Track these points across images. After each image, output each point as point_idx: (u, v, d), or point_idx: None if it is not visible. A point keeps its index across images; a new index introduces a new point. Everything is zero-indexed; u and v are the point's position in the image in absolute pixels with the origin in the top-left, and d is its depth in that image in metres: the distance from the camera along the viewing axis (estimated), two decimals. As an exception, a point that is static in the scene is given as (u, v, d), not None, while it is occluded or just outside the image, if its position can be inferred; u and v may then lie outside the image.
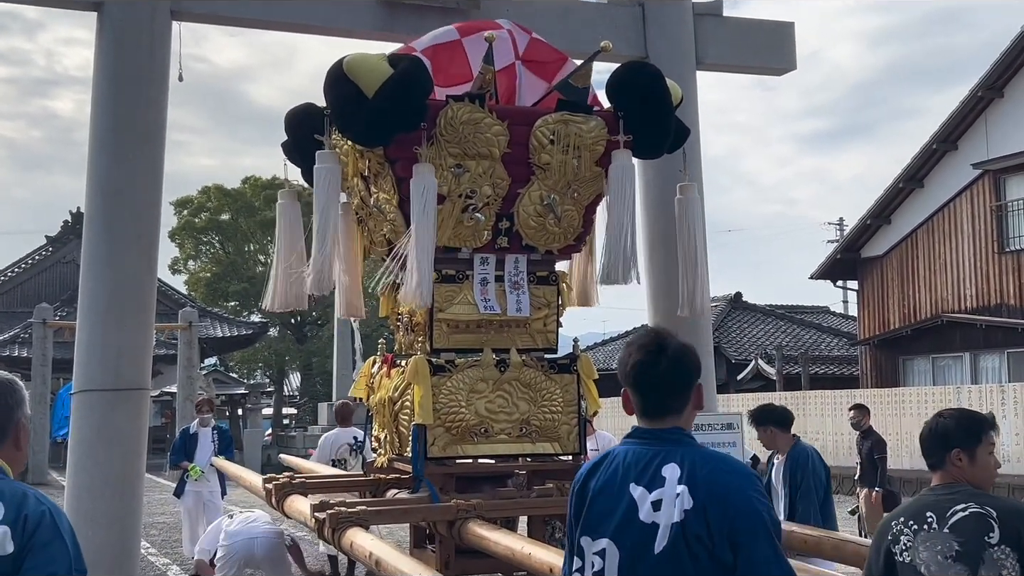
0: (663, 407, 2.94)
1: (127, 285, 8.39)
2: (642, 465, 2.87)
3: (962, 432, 3.58)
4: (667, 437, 2.91)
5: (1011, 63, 22.88)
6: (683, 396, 2.95)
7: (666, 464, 2.83)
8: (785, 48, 10.60)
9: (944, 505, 3.43)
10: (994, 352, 23.53)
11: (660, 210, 9.21)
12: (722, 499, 2.74)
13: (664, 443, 2.90)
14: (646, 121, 6.34)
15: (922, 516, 3.43)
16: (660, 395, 2.94)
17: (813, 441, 23.58)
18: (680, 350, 2.94)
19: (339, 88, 5.94)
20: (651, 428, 2.95)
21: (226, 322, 39.49)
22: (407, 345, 6.66)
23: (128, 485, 8.39)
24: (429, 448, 6.12)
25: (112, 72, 8.52)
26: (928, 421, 3.67)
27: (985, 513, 3.37)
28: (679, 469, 2.81)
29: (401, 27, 8.87)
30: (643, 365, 2.93)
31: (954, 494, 3.48)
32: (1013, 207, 23.49)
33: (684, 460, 2.82)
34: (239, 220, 47.13)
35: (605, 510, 2.90)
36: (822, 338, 33.70)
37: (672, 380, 2.93)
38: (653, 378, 2.92)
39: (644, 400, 2.96)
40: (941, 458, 3.58)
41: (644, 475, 2.85)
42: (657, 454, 2.87)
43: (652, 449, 2.90)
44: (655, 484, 2.82)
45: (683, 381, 2.95)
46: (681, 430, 2.93)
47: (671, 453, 2.86)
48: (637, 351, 2.96)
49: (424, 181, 5.88)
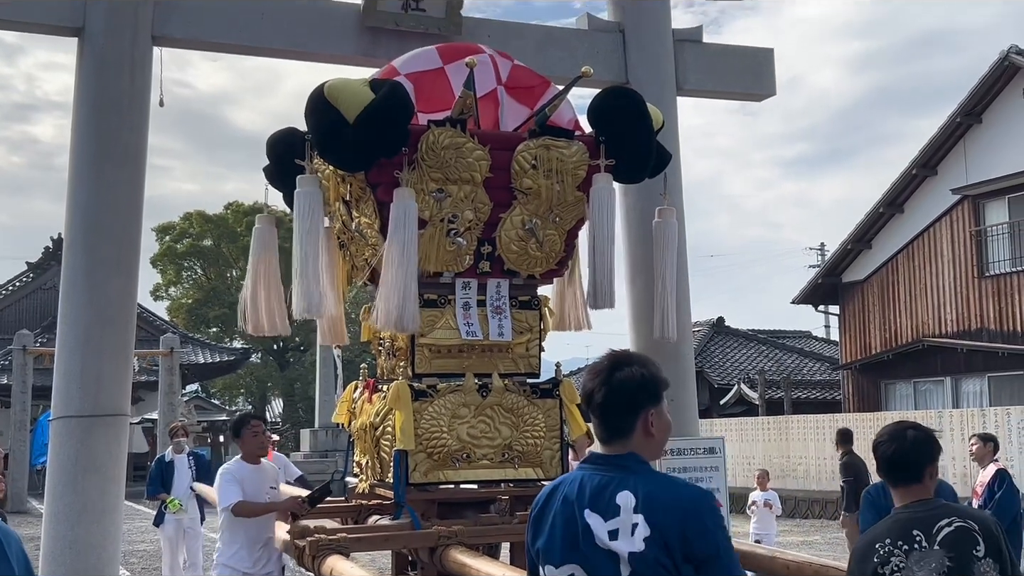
0: (609, 432, 2.94)
1: (107, 311, 8.35)
2: (596, 492, 2.87)
3: (933, 448, 3.62)
4: (619, 463, 2.90)
5: (989, 89, 23.10)
6: (626, 421, 2.92)
7: (619, 492, 2.83)
8: (765, 74, 10.67)
9: (928, 522, 3.41)
10: (975, 376, 23.63)
11: (641, 235, 9.23)
12: (679, 524, 2.75)
13: (616, 469, 2.89)
14: (627, 146, 6.35)
15: (908, 535, 3.39)
16: (605, 420, 2.94)
17: (796, 465, 23.78)
18: (627, 375, 2.92)
19: (320, 113, 5.93)
20: (604, 454, 2.95)
21: (208, 348, 39.33)
22: (389, 370, 6.63)
23: (107, 512, 8.31)
24: (411, 474, 6.08)
25: (93, 97, 8.50)
26: (892, 436, 3.59)
27: (969, 527, 3.38)
28: (633, 497, 2.80)
29: (383, 52, 8.87)
30: (589, 389, 2.95)
31: (933, 510, 3.47)
32: (992, 232, 23.65)
33: (638, 487, 2.82)
34: (221, 246, 47.07)
35: (565, 536, 2.90)
36: (804, 363, 33.79)
37: (612, 405, 2.92)
38: (596, 402, 2.94)
39: (595, 424, 2.98)
40: (919, 473, 3.55)
41: (598, 502, 2.85)
42: (611, 481, 2.86)
43: (606, 476, 2.89)
44: (610, 513, 2.82)
45: (623, 406, 2.92)
46: (634, 456, 2.91)
47: (624, 480, 2.85)
48: (588, 375, 3.00)
49: (405, 206, 5.88)
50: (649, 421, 2.93)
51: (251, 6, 9.04)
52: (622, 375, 2.92)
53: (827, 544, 17.74)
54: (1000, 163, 22.85)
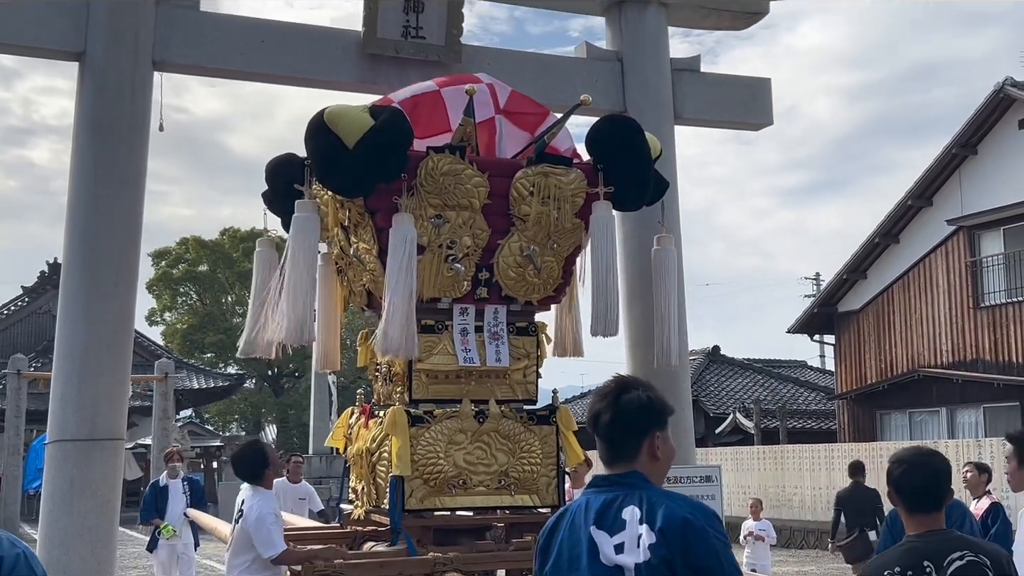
0: (615, 453, 2.98)
1: (104, 335, 8.35)
2: (600, 509, 2.92)
3: (950, 477, 3.58)
4: (624, 481, 2.95)
5: (984, 121, 23.20)
6: (632, 443, 2.97)
7: (625, 507, 2.88)
8: (762, 103, 10.74)
9: (940, 553, 3.34)
10: (971, 407, 23.62)
11: (638, 262, 9.26)
12: (682, 534, 2.80)
13: (621, 487, 2.93)
14: (625, 173, 6.38)
15: (919, 565, 3.33)
16: (611, 441, 2.98)
17: (791, 495, 23.71)
18: (634, 398, 2.97)
19: (320, 138, 5.95)
20: (609, 474, 2.99)
21: (202, 374, 39.25)
22: (385, 396, 6.62)
23: (101, 537, 8.29)
24: (407, 500, 6.07)
25: (93, 121, 8.53)
26: (913, 463, 3.52)
27: (980, 562, 3.32)
28: (638, 510, 2.85)
29: (383, 79, 8.93)
30: (596, 411, 3.00)
31: (947, 541, 3.41)
32: (987, 263, 23.70)
33: (642, 501, 2.87)
34: (217, 271, 47.06)
35: (571, 558, 2.94)
36: (800, 392, 33.76)
37: (619, 426, 2.97)
38: (603, 424, 2.98)
39: (601, 446, 3.02)
40: (939, 503, 3.50)
41: (604, 519, 2.89)
42: (616, 498, 2.91)
43: (611, 493, 2.93)
44: (616, 528, 2.86)
45: (630, 428, 2.97)
46: (639, 474, 2.95)
47: (629, 496, 2.90)
48: (595, 397, 3.05)
49: (404, 231, 5.89)
50: (655, 444, 2.98)
51: (251, 32, 9.10)
52: (629, 398, 2.97)
53: (822, 575, 17.67)
54: (995, 194, 22.92)
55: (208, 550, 19.13)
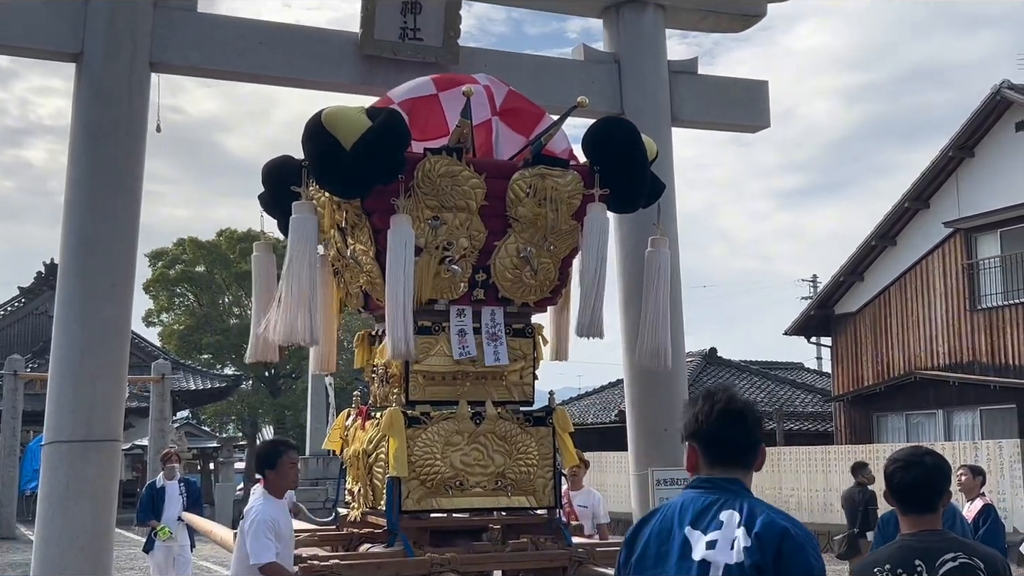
0: (727, 458, 2.99)
1: (101, 336, 8.33)
2: (700, 510, 2.92)
3: (949, 477, 3.57)
4: (726, 486, 2.95)
5: (981, 124, 23.22)
6: (751, 451, 3.01)
7: (724, 510, 2.89)
8: (759, 106, 10.74)
9: (933, 553, 3.33)
10: (967, 409, 23.63)
11: (635, 264, 9.24)
12: (778, 543, 2.79)
13: (723, 491, 2.94)
14: (622, 175, 6.39)
15: (910, 564, 3.32)
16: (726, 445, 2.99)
17: (788, 497, 23.71)
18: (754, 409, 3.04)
19: (317, 140, 5.96)
20: (711, 476, 2.99)
21: (199, 375, 39.21)
22: (382, 397, 6.63)
23: (98, 538, 8.27)
24: (404, 501, 6.08)
25: (90, 122, 8.52)
26: (909, 463, 3.50)
27: (974, 564, 3.31)
28: (738, 515, 2.86)
29: (380, 80, 8.92)
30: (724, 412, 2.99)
31: (940, 541, 3.40)
32: (984, 265, 23.72)
33: (743, 507, 2.88)
34: (214, 272, 47.02)
35: (660, 553, 2.94)
36: (796, 394, 33.76)
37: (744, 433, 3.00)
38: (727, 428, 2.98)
39: (719, 447, 3.00)
40: (935, 504, 3.49)
41: (701, 519, 2.90)
42: (716, 500, 2.92)
43: (711, 496, 2.94)
44: (711, 527, 2.87)
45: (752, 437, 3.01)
46: (741, 482, 2.97)
47: (730, 501, 2.91)
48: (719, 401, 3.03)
49: (402, 233, 5.90)
50: (764, 454, 3.06)
51: (249, 33, 9.09)
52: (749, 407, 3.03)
53: None
54: (992, 197, 22.94)
55: (204, 551, 19.12)
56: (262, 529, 5.99)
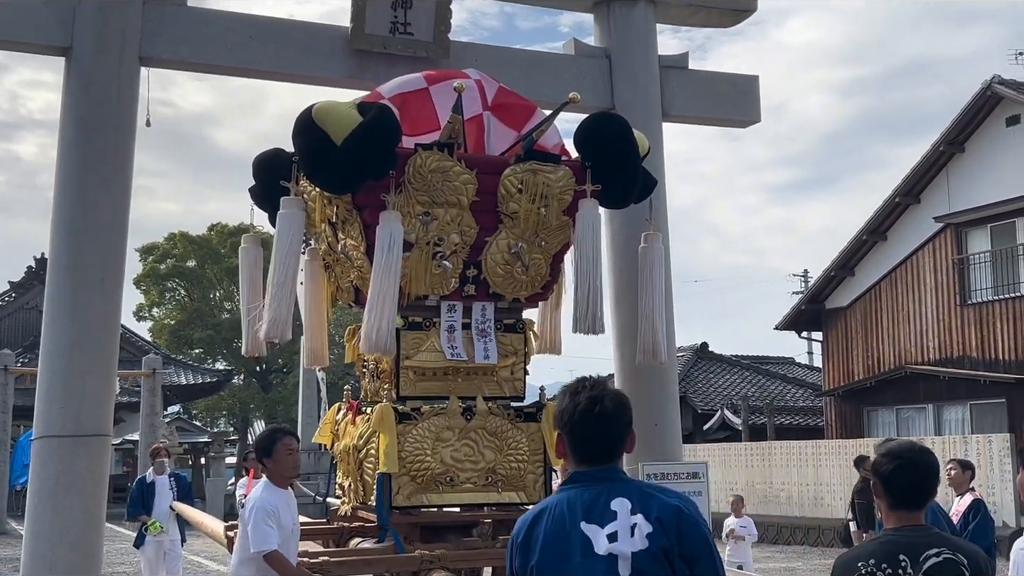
0: (601, 451, 3.06)
1: (90, 330, 8.31)
2: (589, 504, 2.98)
3: (939, 477, 3.58)
4: (607, 476, 3.03)
5: (972, 119, 23.27)
6: (620, 441, 3.07)
7: (613, 499, 2.96)
8: (749, 101, 10.74)
9: (917, 548, 3.32)
10: (957, 403, 23.71)
11: (626, 259, 9.25)
12: (677, 523, 2.92)
13: (604, 482, 3.02)
14: (613, 171, 6.39)
15: (894, 559, 3.31)
16: (599, 440, 3.05)
17: (779, 491, 23.77)
18: (619, 398, 3.08)
19: (308, 135, 5.94)
20: (590, 471, 3.05)
21: (190, 369, 39.15)
22: (373, 392, 6.62)
23: (88, 533, 8.26)
24: (394, 497, 6.07)
25: (79, 116, 8.50)
26: (905, 459, 3.48)
27: (957, 560, 3.31)
28: (629, 502, 2.95)
29: (371, 75, 8.90)
30: (584, 412, 3.04)
31: (925, 537, 3.39)
32: (974, 260, 23.78)
33: (632, 493, 2.98)
34: (205, 267, 46.93)
35: (560, 554, 2.96)
36: (787, 389, 33.84)
37: (613, 426, 3.05)
38: (594, 423, 3.03)
39: (586, 446, 3.07)
40: (925, 501, 3.48)
41: (592, 513, 2.96)
42: (602, 492, 2.98)
43: (595, 489, 3.00)
44: (607, 519, 2.93)
45: (621, 428, 3.07)
46: (616, 469, 3.07)
47: (615, 490, 2.99)
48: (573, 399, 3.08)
49: (391, 229, 5.89)
50: (635, 438, 3.13)
51: (239, 28, 9.07)
52: (616, 397, 3.08)
53: (809, 571, 17.72)
54: (982, 192, 23.00)
55: (196, 546, 19.11)
56: (260, 517, 5.89)
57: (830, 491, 22.55)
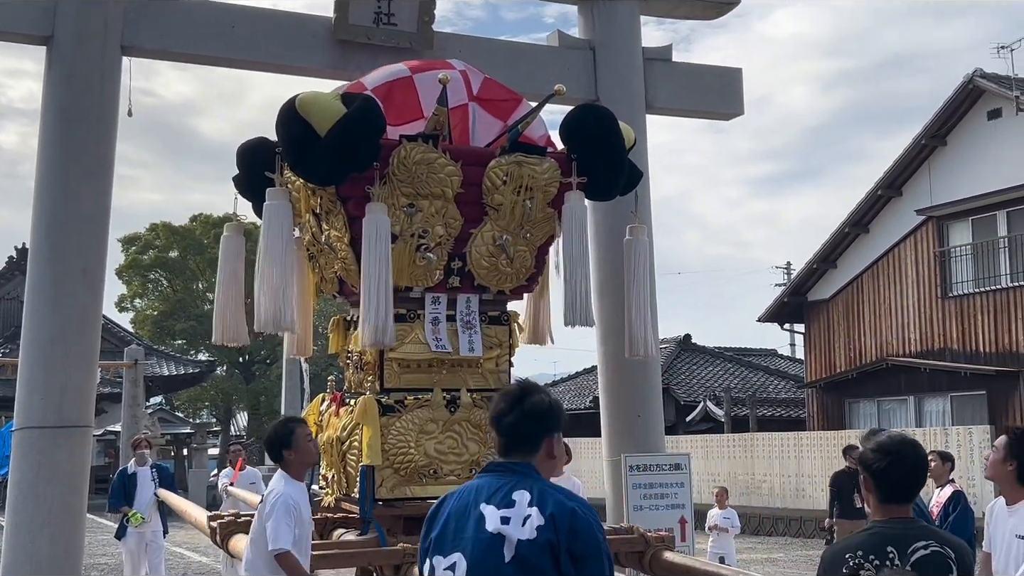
0: (515, 447, 3.30)
1: (72, 321, 8.28)
2: (494, 490, 3.22)
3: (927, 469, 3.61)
4: (517, 469, 3.26)
5: (953, 112, 23.37)
6: (534, 441, 3.29)
7: (517, 490, 3.19)
8: (733, 93, 10.76)
9: (905, 540, 3.35)
10: (938, 395, 23.84)
11: (610, 251, 9.26)
12: (570, 522, 3.11)
13: (515, 474, 3.24)
14: (599, 163, 6.38)
15: (882, 551, 3.33)
16: (514, 438, 3.30)
17: (760, 483, 23.87)
18: (538, 400, 3.32)
19: (291, 126, 5.91)
20: (503, 461, 3.32)
21: (173, 360, 39.03)
22: (357, 384, 6.61)
23: (69, 524, 8.23)
24: (377, 489, 6.06)
25: (61, 106, 8.45)
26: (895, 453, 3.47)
27: (945, 553, 3.34)
28: (529, 495, 3.16)
29: (354, 66, 8.87)
30: (501, 409, 3.33)
31: (912, 529, 3.42)
32: (956, 253, 23.90)
33: (533, 488, 3.18)
34: (187, 258, 46.79)
35: (457, 528, 3.23)
36: (770, 380, 33.96)
37: (524, 425, 3.28)
38: (509, 421, 3.30)
39: (501, 442, 3.34)
40: (914, 495, 3.51)
41: (495, 496, 3.20)
42: (508, 482, 3.22)
43: (504, 478, 3.25)
44: (504, 504, 3.17)
45: (534, 428, 3.29)
46: (532, 466, 3.27)
47: (521, 482, 3.21)
48: (500, 397, 3.40)
49: (377, 221, 5.87)
50: (553, 444, 3.32)
51: (221, 17, 9.02)
52: (534, 400, 3.31)
53: (791, 562, 17.81)
54: (964, 185, 23.10)
55: (177, 537, 19.06)
56: (283, 512, 5.68)
57: (812, 482, 22.66)
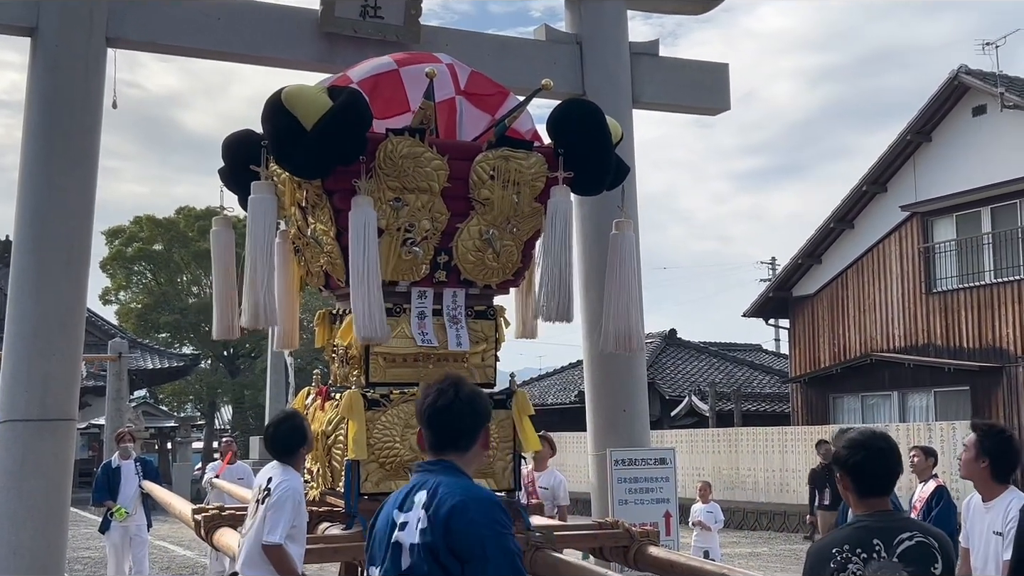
0: (445, 442, 3.17)
1: (55, 313, 8.25)
2: (407, 492, 3.12)
3: (901, 459, 3.66)
4: (433, 468, 3.15)
5: (939, 108, 23.45)
6: (469, 433, 3.18)
7: (419, 491, 3.07)
8: (719, 88, 10.77)
9: (890, 533, 3.40)
10: (922, 391, 23.94)
11: (596, 246, 9.27)
12: (445, 520, 2.96)
13: (430, 473, 3.14)
14: (586, 158, 6.37)
15: (869, 544, 3.38)
16: (443, 432, 3.17)
17: (745, 477, 23.92)
18: (473, 392, 3.22)
19: (277, 119, 5.89)
20: (429, 460, 3.22)
21: (157, 354, 38.89)
22: (342, 377, 6.59)
23: (52, 518, 8.21)
24: (362, 483, 6.05)
25: (45, 98, 8.41)
26: (867, 446, 3.53)
27: (929, 543, 3.41)
28: (426, 495, 3.06)
29: (340, 59, 8.86)
30: (433, 402, 3.21)
31: (896, 521, 3.49)
32: (940, 249, 23.99)
33: (432, 487, 3.07)
34: (172, 251, 46.63)
35: (380, 539, 3.16)
36: (754, 375, 34.06)
37: (459, 417, 3.17)
38: (439, 415, 3.17)
39: (432, 436, 3.20)
40: (892, 486, 3.57)
41: (404, 501, 3.10)
42: (420, 482, 3.14)
43: (419, 479, 3.17)
44: (407, 508, 3.06)
45: (469, 420, 3.18)
46: (449, 462, 3.13)
47: (428, 482, 3.10)
48: (427, 390, 3.26)
49: (364, 215, 5.85)
50: (486, 436, 3.25)
51: (207, 9, 8.98)
52: (469, 391, 3.21)
53: (774, 556, 17.87)
54: (949, 181, 23.19)
55: (161, 531, 19.02)
56: (291, 506, 5.77)
57: (796, 477, 22.72)
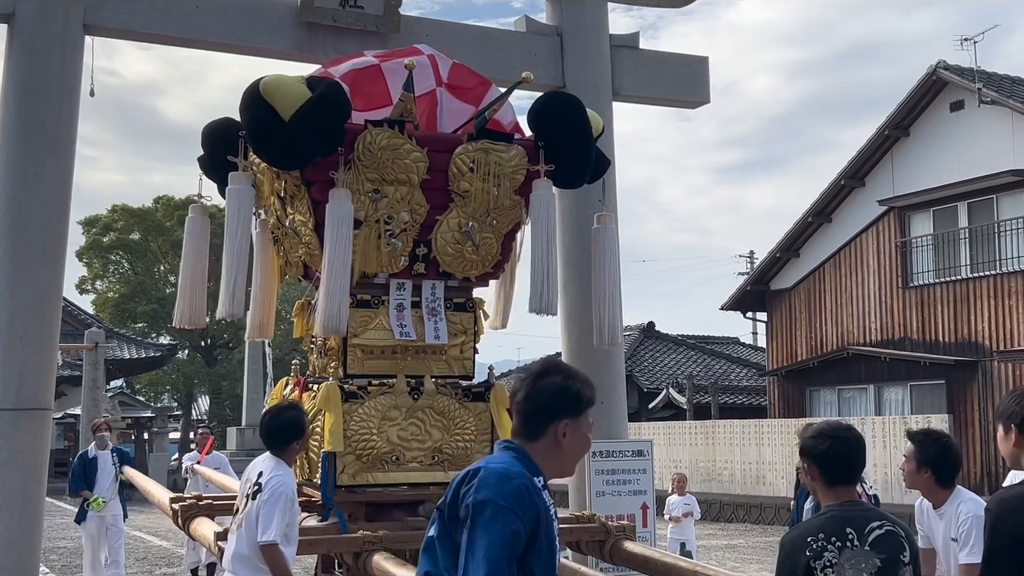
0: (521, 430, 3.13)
1: (31, 302, 8.18)
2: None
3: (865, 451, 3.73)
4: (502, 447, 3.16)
5: (917, 103, 23.56)
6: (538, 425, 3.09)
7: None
8: (699, 82, 10.77)
9: (861, 522, 3.50)
10: (897, 384, 24.08)
11: (575, 239, 9.26)
12: (457, 485, 3.03)
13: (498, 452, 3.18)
14: (567, 151, 6.36)
15: (842, 532, 3.47)
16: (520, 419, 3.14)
17: (722, 470, 24.04)
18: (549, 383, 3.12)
19: (255, 110, 5.86)
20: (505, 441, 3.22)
21: (134, 343, 38.69)
22: (320, 369, 6.58)
23: (28, 508, 8.15)
24: (339, 475, 6.04)
25: (22, 85, 8.33)
26: (834, 437, 3.62)
27: (897, 531, 3.52)
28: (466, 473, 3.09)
29: (319, 48, 8.82)
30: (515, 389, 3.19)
31: (866, 511, 3.60)
32: (917, 243, 24.12)
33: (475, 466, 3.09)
34: (149, 240, 46.38)
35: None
36: (732, 368, 34.18)
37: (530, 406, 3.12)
38: (517, 401, 3.15)
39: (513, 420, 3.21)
40: (857, 475, 3.67)
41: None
42: None
43: None
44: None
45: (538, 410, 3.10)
46: (512, 443, 3.12)
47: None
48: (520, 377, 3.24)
49: (341, 207, 5.84)
50: (561, 431, 3.09)
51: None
52: (545, 382, 3.11)
53: (751, 548, 17.95)
54: (926, 176, 23.31)
55: (137, 522, 18.96)
56: (283, 503, 5.64)
57: (772, 469, 22.85)
